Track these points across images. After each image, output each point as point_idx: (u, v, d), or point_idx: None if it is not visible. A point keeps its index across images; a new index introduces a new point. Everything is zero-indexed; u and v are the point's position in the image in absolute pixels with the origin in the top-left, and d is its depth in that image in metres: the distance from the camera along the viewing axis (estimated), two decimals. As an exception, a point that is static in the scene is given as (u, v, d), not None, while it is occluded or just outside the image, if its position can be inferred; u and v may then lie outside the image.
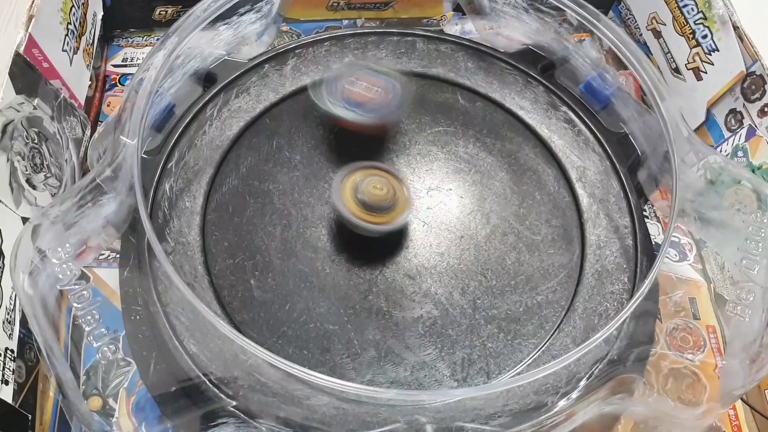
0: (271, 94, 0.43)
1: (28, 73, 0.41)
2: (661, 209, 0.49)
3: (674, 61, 0.51)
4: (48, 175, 0.43)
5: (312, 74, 0.44)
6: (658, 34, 0.53)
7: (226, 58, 0.44)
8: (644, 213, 0.46)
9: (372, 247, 0.39)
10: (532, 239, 0.40)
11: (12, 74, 0.39)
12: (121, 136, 0.35)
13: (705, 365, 0.43)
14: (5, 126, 0.38)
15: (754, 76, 0.44)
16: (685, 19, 0.49)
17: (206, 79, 0.44)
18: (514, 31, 0.47)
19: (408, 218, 0.38)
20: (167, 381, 0.34)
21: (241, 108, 0.43)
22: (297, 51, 0.45)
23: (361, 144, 0.42)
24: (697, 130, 0.49)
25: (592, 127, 0.43)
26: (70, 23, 0.46)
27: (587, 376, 0.35)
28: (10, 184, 0.39)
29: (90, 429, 0.32)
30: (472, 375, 0.35)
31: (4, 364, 0.35)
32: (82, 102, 0.48)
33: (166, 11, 0.56)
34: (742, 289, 0.36)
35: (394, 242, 0.39)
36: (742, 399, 0.42)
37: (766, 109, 0.44)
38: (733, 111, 0.46)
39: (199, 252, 0.37)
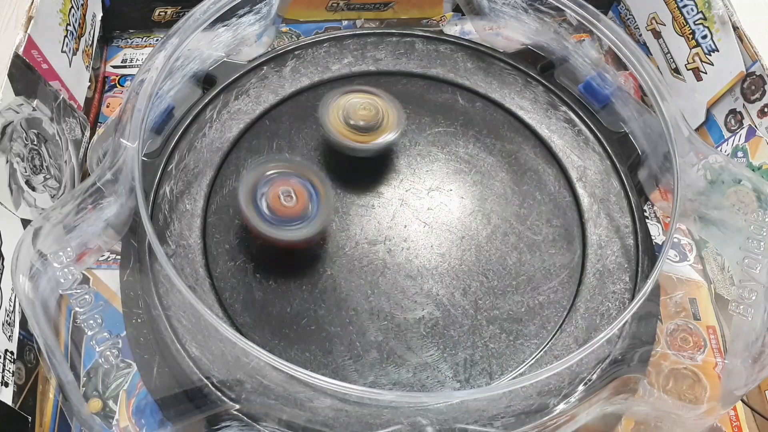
0: (271, 95, 0.43)
1: (28, 75, 0.41)
2: (661, 209, 0.49)
3: (674, 61, 0.51)
4: (47, 176, 0.43)
5: (311, 75, 0.44)
6: (657, 35, 0.53)
7: (225, 59, 0.44)
8: (644, 213, 0.46)
9: (373, 247, 0.39)
10: (533, 239, 0.40)
11: (11, 75, 0.38)
12: (121, 139, 0.35)
13: (705, 365, 0.43)
14: (4, 127, 0.38)
15: (754, 77, 0.44)
16: (685, 19, 0.49)
17: (205, 81, 0.44)
18: (513, 31, 0.47)
19: (396, 137, 0.39)
20: (169, 384, 0.34)
21: (240, 110, 0.42)
22: (296, 52, 0.45)
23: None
24: (697, 130, 0.49)
25: (592, 126, 0.43)
26: (69, 24, 0.46)
27: (590, 376, 0.35)
28: (10, 185, 0.39)
29: (90, 431, 0.32)
30: (475, 376, 0.35)
31: (4, 365, 0.35)
32: (82, 103, 0.48)
33: (166, 12, 0.56)
34: (744, 288, 0.36)
35: (395, 242, 0.39)
36: (742, 400, 0.42)
37: (766, 110, 0.44)
38: (733, 111, 0.46)
39: (200, 254, 0.37)
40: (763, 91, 0.44)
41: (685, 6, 0.49)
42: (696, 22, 0.48)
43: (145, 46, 0.56)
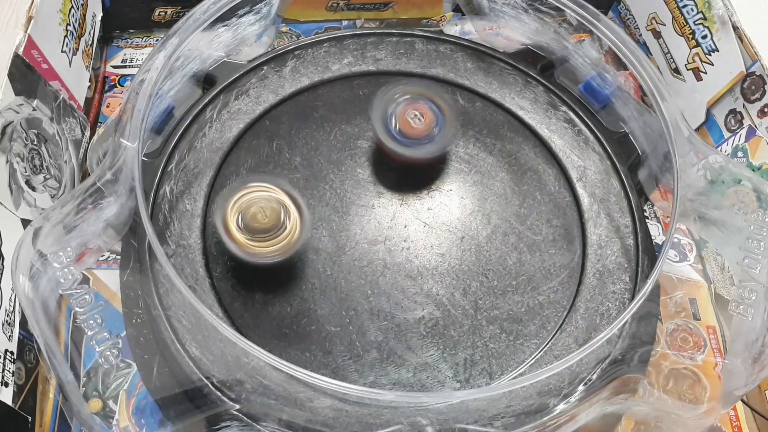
0: (271, 95, 0.43)
1: (28, 75, 0.41)
2: (661, 209, 0.49)
3: (674, 61, 0.51)
4: (47, 176, 0.43)
5: (311, 75, 0.44)
6: (657, 35, 0.53)
7: (225, 59, 0.44)
8: (644, 213, 0.46)
9: (373, 247, 0.39)
10: (533, 239, 0.40)
11: (11, 75, 0.38)
12: (121, 139, 0.35)
13: (705, 365, 0.43)
14: (4, 127, 0.38)
15: (754, 77, 0.44)
16: (685, 19, 0.49)
17: (205, 81, 0.44)
18: (513, 31, 0.47)
19: (299, 246, 0.35)
20: (169, 384, 0.34)
21: (240, 110, 0.42)
22: (296, 52, 0.45)
23: (361, 145, 0.42)
24: (697, 130, 0.49)
25: (592, 126, 0.43)
26: (69, 24, 0.46)
27: (590, 376, 0.35)
28: (10, 185, 0.39)
29: (90, 431, 0.32)
30: (475, 376, 0.35)
31: (4, 365, 0.35)
32: (82, 103, 0.48)
33: (166, 12, 0.56)
34: (744, 288, 0.36)
35: (395, 242, 0.39)
36: (742, 400, 0.42)
37: (766, 110, 0.44)
38: (733, 111, 0.46)
39: (200, 254, 0.37)
40: (763, 91, 0.44)
41: (685, 6, 0.49)
42: (696, 22, 0.48)
43: (145, 46, 0.56)
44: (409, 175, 0.41)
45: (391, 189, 0.41)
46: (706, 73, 0.48)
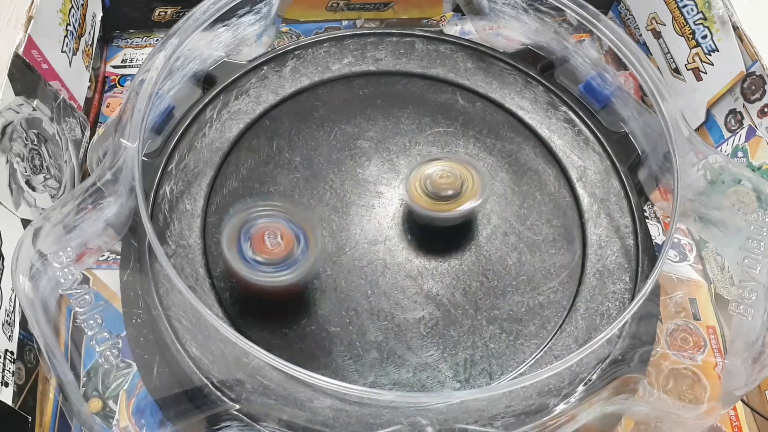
0: (271, 95, 0.43)
1: (28, 75, 0.41)
2: (661, 209, 0.49)
3: (674, 61, 0.51)
4: (47, 176, 0.43)
5: (311, 75, 0.44)
6: (657, 35, 0.53)
7: (225, 59, 0.44)
8: (644, 213, 0.46)
9: (373, 247, 0.39)
10: (533, 239, 0.40)
11: (11, 75, 0.38)
12: (121, 139, 0.35)
13: (705, 365, 0.43)
14: (4, 127, 0.38)
15: (754, 77, 0.44)
16: (685, 19, 0.49)
17: (205, 81, 0.44)
18: (513, 31, 0.47)
19: (476, 206, 0.37)
20: (169, 384, 0.34)
21: (240, 110, 0.42)
22: (296, 52, 0.45)
23: (361, 145, 0.42)
24: (697, 130, 0.49)
25: (592, 126, 0.43)
26: (69, 24, 0.46)
27: (590, 376, 0.35)
28: (10, 185, 0.39)
29: (90, 431, 0.32)
30: (475, 376, 0.35)
31: (4, 366, 0.35)
32: (82, 103, 0.48)
33: (166, 12, 0.56)
34: (745, 288, 0.36)
35: (395, 242, 0.39)
36: (742, 400, 0.42)
37: (766, 110, 0.44)
38: (733, 111, 0.46)
39: (200, 254, 0.37)
40: (763, 91, 0.44)
41: (685, 6, 0.49)
42: (696, 22, 0.48)
43: (145, 46, 0.56)
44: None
45: (391, 189, 0.41)
46: (706, 73, 0.48)
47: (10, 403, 0.35)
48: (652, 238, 0.42)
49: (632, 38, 0.49)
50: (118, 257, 0.39)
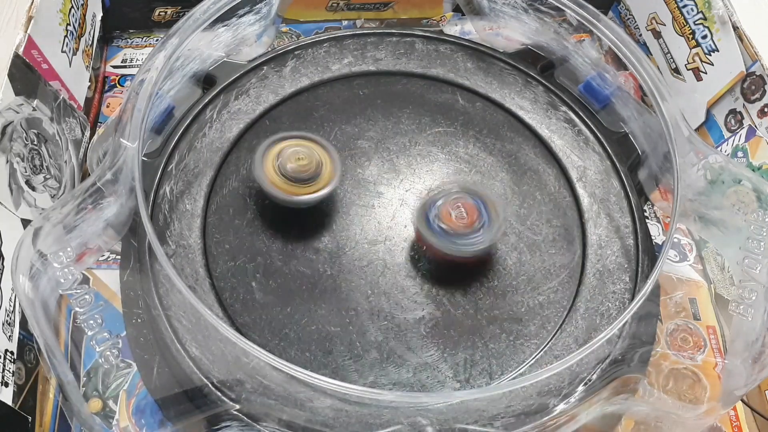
0: (271, 95, 0.43)
1: (28, 75, 0.41)
2: (661, 209, 0.49)
3: (674, 61, 0.51)
4: (47, 176, 0.43)
5: (311, 75, 0.44)
6: (657, 35, 0.53)
7: (225, 59, 0.44)
8: (644, 213, 0.46)
9: (373, 247, 0.39)
10: (533, 239, 0.40)
11: (11, 75, 0.38)
12: (121, 139, 0.35)
13: (705, 365, 0.43)
14: (4, 127, 0.38)
15: (754, 77, 0.44)
16: (685, 19, 0.49)
17: (205, 81, 0.44)
18: (513, 31, 0.47)
19: (332, 190, 0.37)
20: (169, 384, 0.34)
21: (240, 110, 0.42)
22: (296, 52, 0.45)
23: (361, 145, 0.42)
24: (697, 130, 0.49)
25: (592, 126, 0.43)
26: (69, 24, 0.46)
27: (590, 376, 0.35)
28: (10, 185, 0.39)
29: (90, 431, 0.32)
30: (475, 376, 0.35)
31: (4, 365, 0.35)
32: (82, 103, 0.48)
33: (166, 12, 0.56)
34: (744, 288, 0.36)
35: (395, 242, 0.39)
36: (742, 400, 0.42)
37: (766, 110, 0.44)
38: (733, 111, 0.46)
39: (200, 254, 0.37)
40: (763, 91, 0.44)
41: (685, 6, 0.49)
42: (696, 22, 0.48)
43: (145, 46, 0.56)
44: (409, 175, 0.41)
45: (391, 189, 0.41)
46: (706, 73, 0.48)
47: (10, 403, 0.35)
48: (652, 238, 0.42)
49: (632, 38, 0.49)
50: (118, 257, 0.40)
